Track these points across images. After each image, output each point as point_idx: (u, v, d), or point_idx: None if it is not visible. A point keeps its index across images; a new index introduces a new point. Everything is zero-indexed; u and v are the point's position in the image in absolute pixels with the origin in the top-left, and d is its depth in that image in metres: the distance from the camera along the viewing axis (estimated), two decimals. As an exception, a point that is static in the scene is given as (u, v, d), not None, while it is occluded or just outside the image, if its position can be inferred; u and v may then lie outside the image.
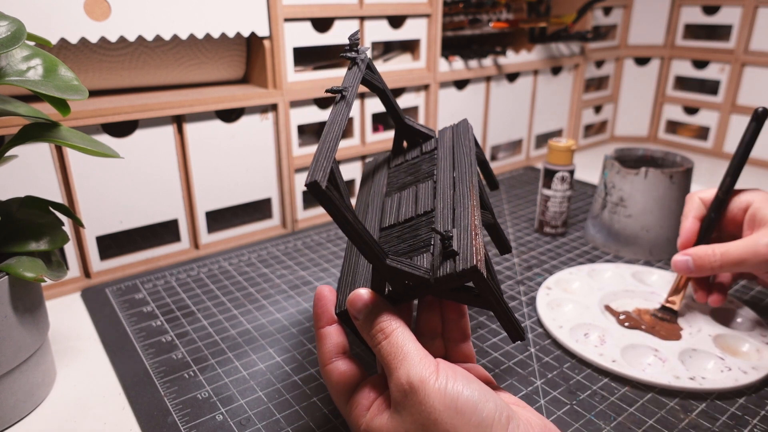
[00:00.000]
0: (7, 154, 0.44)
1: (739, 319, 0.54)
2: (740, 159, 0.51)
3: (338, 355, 0.36)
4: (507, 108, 0.99)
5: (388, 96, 0.48)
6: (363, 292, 0.35)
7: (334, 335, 0.37)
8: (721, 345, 0.50)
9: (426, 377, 0.30)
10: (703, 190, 0.53)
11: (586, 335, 0.52)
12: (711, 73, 1.07)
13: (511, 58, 0.95)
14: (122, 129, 0.62)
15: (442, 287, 0.34)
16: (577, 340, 0.51)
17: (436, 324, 0.40)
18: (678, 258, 0.50)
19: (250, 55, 0.73)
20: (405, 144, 0.52)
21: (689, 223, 0.52)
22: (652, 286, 0.61)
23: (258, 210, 0.78)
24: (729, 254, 0.47)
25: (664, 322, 0.53)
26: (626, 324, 0.53)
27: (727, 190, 0.51)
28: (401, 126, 0.50)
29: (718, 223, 0.52)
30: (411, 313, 0.42)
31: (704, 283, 0.53)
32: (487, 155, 1.01)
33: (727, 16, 1.03)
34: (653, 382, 0.45)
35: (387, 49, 0.86)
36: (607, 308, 0.56)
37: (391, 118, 0.50)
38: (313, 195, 0.31)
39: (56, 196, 0.59)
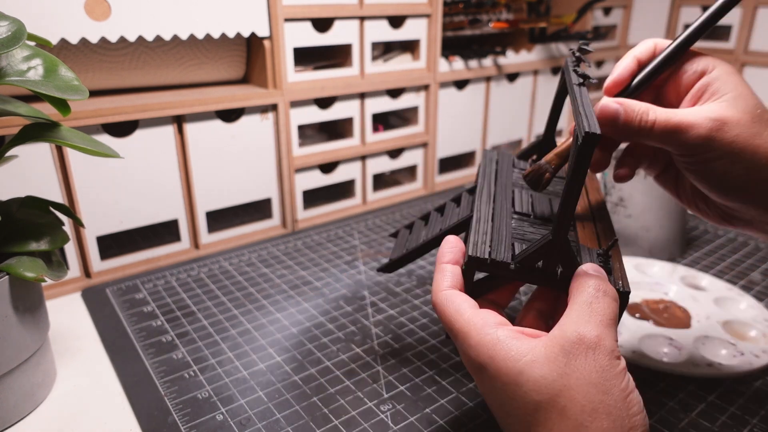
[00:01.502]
0: (8, 154, 0.44)
1: (742, 306, 0.56)
2: (711, 16, 0.40)
3: (455, 287, 0.35)
4: (507, 108, 0.99)
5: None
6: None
7: (456, 272, 0.35)
8: (730, 331, 0.52)
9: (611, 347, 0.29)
10: (664, 40, 0.41)
11: None
12: (711, 73, 1.06)
13: (511, 58, 0.95)
14: (122, 129, 0.62)
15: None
16: None
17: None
18: (608, 103, 0.37)
19: (250, 55, 0.73)
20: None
21: (628, 61, 0.40)
22: (654, 276, 0.62)
23: (258, 210, 0.78)
24: (668, 119, 0.36)
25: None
26: (636, 315, 0.55)
27: (684, 43, 0.39)
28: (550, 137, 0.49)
29: (659, 78, 0.40)
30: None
31: (608, 150, 0.41)
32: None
33: (727, 16, 1.02)
34: (676, 371, 0.47)
35: (387, 49, 0.86)
36: None
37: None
38: (589, 146, 0.30)
39: (56, 196, 0.59)
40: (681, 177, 0.42)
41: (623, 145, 0.43)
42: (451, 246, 0.36)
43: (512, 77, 0.97)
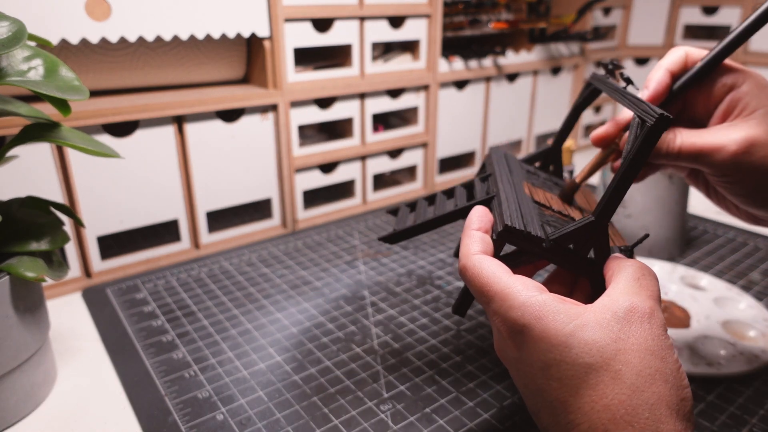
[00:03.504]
0: (8, 154, 0.44)
1: (741, 306, 0.56)
2: (746, 29, 0.37)
3: (486, 253, 0.34)
4: (507, 108, 0.99)
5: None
6: None
7: (486, 239, 0.35)
8: (730, 331, 0.52)
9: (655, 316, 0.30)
10: (694, 48, 0.40)
11: None
12: (711, 73, 1.07)
13: (511, 59, 0.95)
14: (123, 129, 0.62)
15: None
16: None
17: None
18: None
19: (250, 55, 0.73)
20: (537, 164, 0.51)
21: (660, 74, 0.38)
22: None
23: (258, 210, 0.78)
24: (694, 143, 0.36)
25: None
26: None
27: (720, 55, 0.38)
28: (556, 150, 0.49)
29: (691, 90, 0.39)
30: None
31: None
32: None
33: (727, 16, 1.03)
34: None
35: (387, 49, 0.86)
36: None
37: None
38: (660, 130, 0.31)
39: (57, 196, 0.59)
40: (710, 184, 0.41)
41: None
42: (480, 215, 0.36)
43: (512, 77, 0.97)
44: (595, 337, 0.28)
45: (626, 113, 0.41)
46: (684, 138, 0.36)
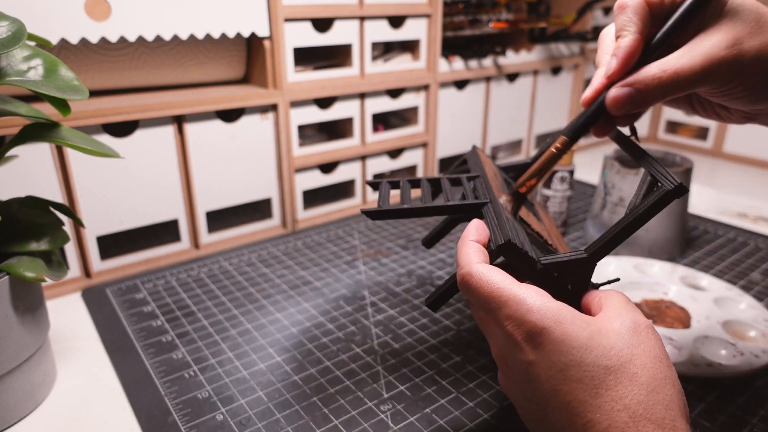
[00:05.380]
0: (8, 154, 0.44)
1: (742, 306, 0.56)
2: None
3: (486, 263, 0.34)
4: (507, 108, 0.99)
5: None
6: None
7: (484, 251, 0.35)
8: (730, 331, 0.52)
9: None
10: None
11: None
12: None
13: (511, 58, 0.95)
14: (123, 129, 0.62)
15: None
16: None
17: None
18: (616, 93, 0.35)
19: (250, 55, 0.73)
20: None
21: (631, 40, 0.35)
22: (654, 276, 0.62)
23: (258, 210, 0.78)
24: (684, 70, 0.33)
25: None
26: None
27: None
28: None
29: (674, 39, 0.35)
30: None
31: (630, 120, 0.38)
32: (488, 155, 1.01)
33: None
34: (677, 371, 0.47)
35: (387, 49, 0.86)
36: None
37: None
38: (674, 198, 0.33)
39: (56, 196, 0.59)
40: (695, 95, 0.40)
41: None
42: (477, 227, 0.37)
43: (512, 77, 0.97)
44: (611, 342, 0.30)
45: (605, 47, 0.38)
46: (674, 65, 0.33)
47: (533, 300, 0.31)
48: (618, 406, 0.28)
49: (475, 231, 0.37)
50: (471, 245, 0.35)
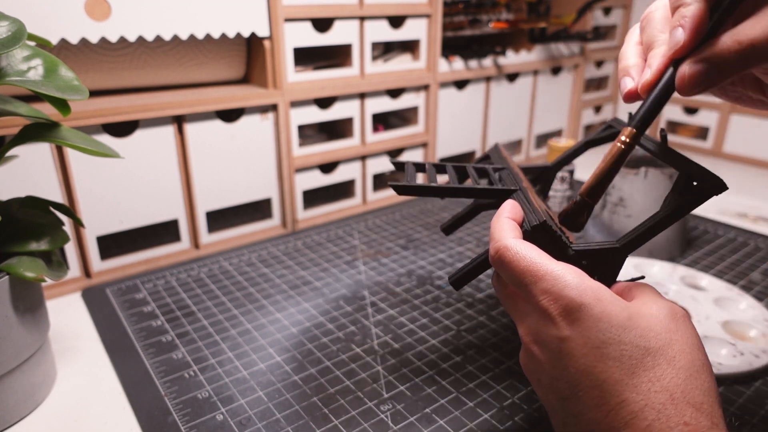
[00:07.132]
0: (8, 154, 0.44)
1: (742, 306, 0.56)
2: None
3: (520, 239, 0.34)
4: (507, 108, 0.99)
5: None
6: None
7: (518, 228, 0.35)
8: (730, 331, 0.52)
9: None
10: None
11: None
12: (711, 73, 1.06)
13: (511, 58, 0.95)
14: (123, 129, 0.62)
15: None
16: None
17: None
18: (691, 70, 0.30)
19: (250, 55, 0.73)
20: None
21: (698, 8, 0.30)
22: (654, 276, 0.62)
23: (258, 210, 0.78)
24: (761, 40, 0.28)
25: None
26: None
27: None
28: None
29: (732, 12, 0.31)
30: None
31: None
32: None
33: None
34: None
35: (387, 49, 0.86)
36: None
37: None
38: (712, 195, 0.35)
39: (56, 196, 0.59)
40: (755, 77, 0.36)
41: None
42: (512, 206, 0.37)
43: (512, 77, 0.97)
44: (650, 325, 0.30)
45: (653, 30, 0.34)
46: (747, 32, 0.29)
47: (571, 276, 0.31)
48: (656, 387, 0.28)
49: (510, 209, 0.37)
50: (506, 221, 0.35)
